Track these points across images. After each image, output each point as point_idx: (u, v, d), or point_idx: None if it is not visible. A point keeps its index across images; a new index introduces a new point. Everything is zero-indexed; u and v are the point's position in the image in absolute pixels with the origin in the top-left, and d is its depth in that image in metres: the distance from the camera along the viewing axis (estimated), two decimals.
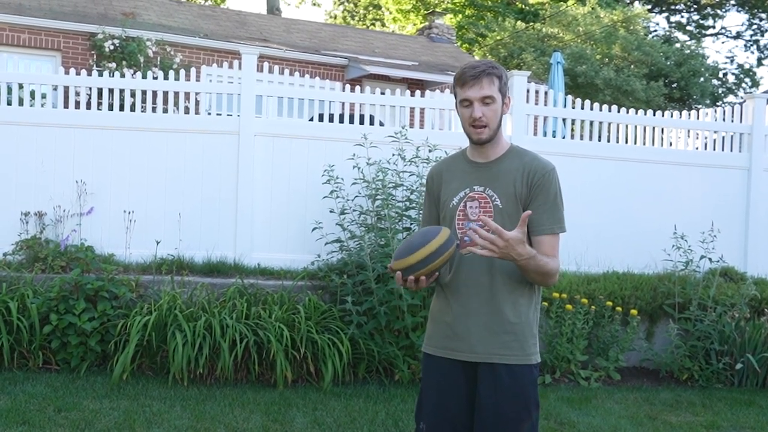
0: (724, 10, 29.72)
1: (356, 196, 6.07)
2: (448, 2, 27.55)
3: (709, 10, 29.77)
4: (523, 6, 27.03)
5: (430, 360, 2.58)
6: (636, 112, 7.51)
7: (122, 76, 6.72)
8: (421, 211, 5.79)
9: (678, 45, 25.26)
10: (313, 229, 6.01)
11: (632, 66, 21.15)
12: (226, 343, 5.07)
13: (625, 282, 6.44)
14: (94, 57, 11.29)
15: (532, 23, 24.68)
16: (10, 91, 6.42)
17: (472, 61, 2.58)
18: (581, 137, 7.39)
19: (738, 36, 30.39)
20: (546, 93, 7.39)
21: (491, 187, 2.50)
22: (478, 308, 2.47)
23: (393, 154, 6.17)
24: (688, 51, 23.46)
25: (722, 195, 7.43)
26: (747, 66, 28.86)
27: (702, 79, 22.98)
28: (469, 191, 2.54)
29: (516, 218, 2.41)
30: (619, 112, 7.42)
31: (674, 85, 22.76)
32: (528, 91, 7.15)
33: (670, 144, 7.73)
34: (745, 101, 7.81)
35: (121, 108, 6.64)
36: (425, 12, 24.65)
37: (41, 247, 5.96)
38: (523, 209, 2.45)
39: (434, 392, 2.56)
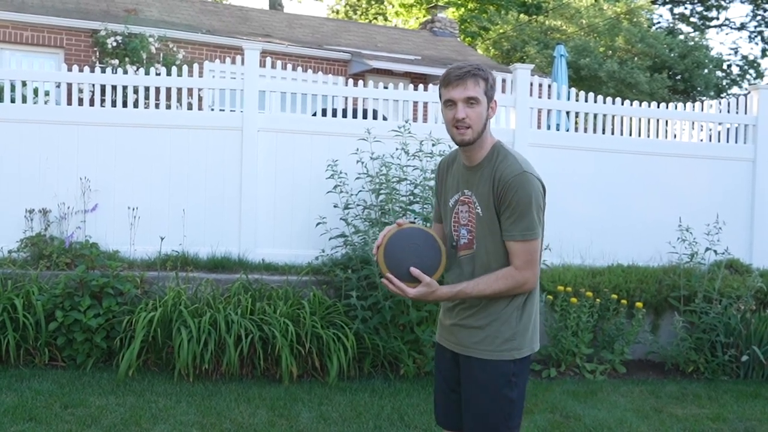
0: (727, 1, 29.57)
1: (360, 191, 6.07)
2: None
3: (712, 1, 29.62)
4: None
5: (436, 345, 2.80)
6: (640, 105, 7.48)
7: (125, 72, 6.71)
8: (424, 206, 5.80)
9: (682, 37, 25.16)
10: (317, 224, 6.00)
11: (636, 58, 21.07)
12: (232, 338, 5.07)
13: (630, 275, 6.43)
14: (97, 54, 11.29)
15: (535, 16, 24.59)
16: (13, 88, 6.42)
17: (459, 64, 2.54)
18: (585, 130, 7.36)
19: (742, 27, 30.24)
20: (549, 86, 7.37)
21: (474, 194, 2.52)
22: (461, 304, 2.58)
23: (396, 149, 6.16)
24: (692, 43, 23.34)
25: (727, 187, 7.40)
26: (751, 57, 28.72)
27: (706, 70, 22.87)
28: (461, 195, 2.57)
29: (494, 227, 2.46)
30: (623, 104, 7.39)
31: (678, 77, 22.68)
32: (531, 84, 7.13)
33: (675, 136, 7.70)
34: (749, 92, 7.77)
35: (125, 105, 6.64)
36: (428, 6, 24.57)
37: (46, 244, 5.97)
38: (497, 216, 2.46)
39: (436, 372, 2.78)
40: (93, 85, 6.48)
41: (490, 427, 2.50)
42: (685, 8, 30.45)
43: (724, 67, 26.96)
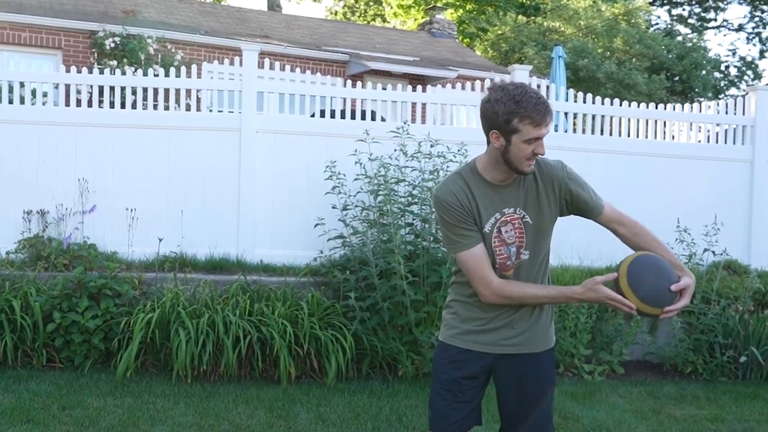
0: (725, 2, 29.60)
1: (358, 192, 6.07)
2: None
3: (710, 2, 29.65)
4: (524, 0, 26.95)
5: (463, 352, 2.67)
6: (638, 106, 7.49)
7: (123, 73, 6.71)
8: (423, 207, 5.78)
9: (680, 38, 25.18)
10: (316, 225, 5.99)
11: (634, 59, 21.08)
12: (230, 339, 5.07)
13: None
14: (95, 55, 11.28)
15: (533, 17, 24.60)
16: (11, 89, 6.42)
17: (528, 92, 2.40)
18: (583, 131, 7.37)
19: (740, 28, 30.27)
20: (548, 87, 7.38)
21: (521, 207, 2.53)
22: (516, 313, 2.62)
23: (395, 150, 6.16)
24: (690, 44, 23.35)
25: (725, 188, 7.41)
26: (749, 58, 28.77)
27: (704, 72, 22.88)
28: (500, 216, 2.52)
29: (548, 230, 2.58)
30: (621, 105, 7.40)
31: (676, 79, 22.68)
32: (530, 85, 7.13)
33: (673, 137, 7.71)
34: (747, 94, 7.78)
35: (123, 106, 6.64)
36: (426, 7, 24.56)
37: (44, 246, 5.96)
38: (560, 211, 2.57)
39: (455, 384, 2.67)
40: (91, 87, 6.49)
41: (550, 413, 2.71)
42: (683, 9, 30.49)
43: (722, 68, 27.00)
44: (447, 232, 2.56)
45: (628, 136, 7.41)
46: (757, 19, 29.59)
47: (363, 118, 6.89)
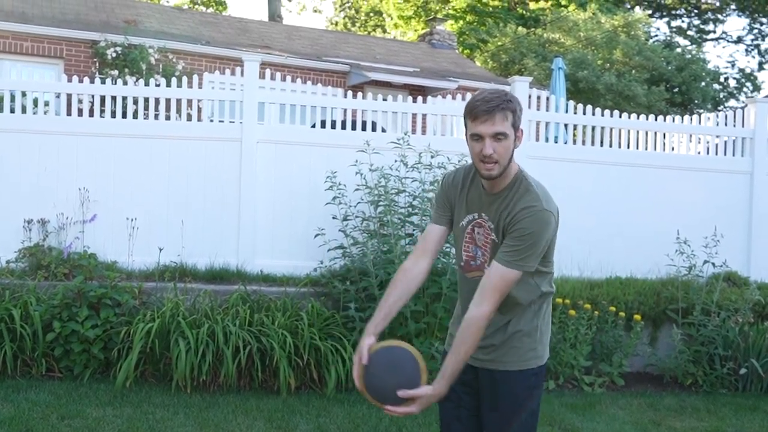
0: (724, 14, 29.72)
1: (359, 203, 6.08)
2: (449, 8, 27.59)
3: (709, 14, 29.78)
4: (524, 12, 27.06)
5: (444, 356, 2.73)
6: (638, 117, 7.51)
7: (124, 83, 6.73)
8: (423, 218, 5.79)
9: (679, 50, 25.25)
10: (316, 236, 6.00)
11: (633, 71, 21.15)
12: (230, 350, 5.06)
13: (628, 287, 6.43)
14: (97, 64, 11.32)
15: (533, 29, 24.69)
16: (13, 98, 6.44)
17: (484, 91, 2.42)
18: (583, 142, 7.39)
19: (739, 40, 30.37)
20: (548, 98, 7.40)
21: (492, 221, 2.49)
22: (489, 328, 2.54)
23: (395, 161, 6.18)
24: (689, 56, 23.43)
25: (725, 199, 7.42)
26: (748, 70, 28.86)
27: (703, 83, 22.94)
28: (477, 217, 2.53)
29: None
30: (620, 117, 7.42)
31: (675, 90, 22.74)
32: (530, 96, 7.16)
33: (672, 149, 7.73)
34: (746, 105, 7.80)
35: (124, 115, 6.66)
36: (426, 18, 24.68)
37: (44, 255, 5.97)
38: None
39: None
40: (92, 96, 6.51)
41: None
42: (683, 21, 30.61)
43: (721, 80, 27.07)
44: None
45: (628, 147, 7.43)
46: (755, 31, 29.71)
47: (363, 128, 6.91)
